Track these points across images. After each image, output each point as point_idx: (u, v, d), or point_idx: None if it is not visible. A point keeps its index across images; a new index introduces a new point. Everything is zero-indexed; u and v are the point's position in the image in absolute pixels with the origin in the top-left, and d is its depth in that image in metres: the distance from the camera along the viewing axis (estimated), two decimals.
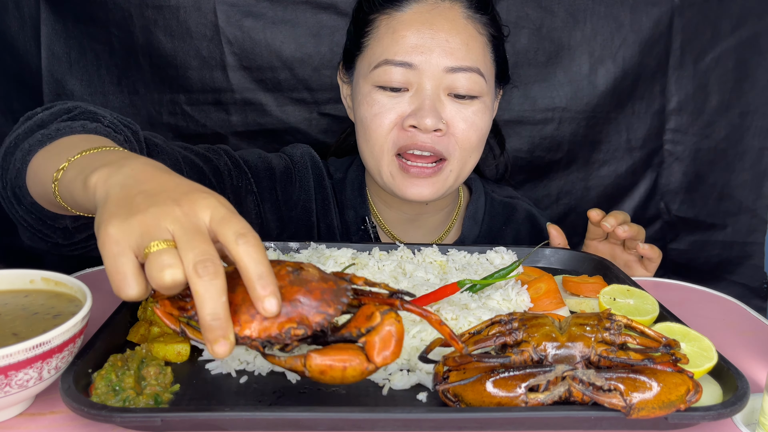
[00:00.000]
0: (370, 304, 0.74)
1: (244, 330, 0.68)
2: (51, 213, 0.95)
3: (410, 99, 1.23)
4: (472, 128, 1.25)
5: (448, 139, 1.25)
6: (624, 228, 1.22)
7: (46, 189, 0.87)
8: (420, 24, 1.22)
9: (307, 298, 0.70)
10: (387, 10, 1.26)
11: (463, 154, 1.27)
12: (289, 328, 0.68)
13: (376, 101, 1.24)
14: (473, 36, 1.25)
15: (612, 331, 0.75)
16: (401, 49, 1.22)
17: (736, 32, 1.87)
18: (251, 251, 0.64)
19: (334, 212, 1.43)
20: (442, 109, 1.23)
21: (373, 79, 1.25)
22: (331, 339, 0.73)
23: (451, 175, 1.28)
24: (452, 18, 1.24)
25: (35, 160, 0.91)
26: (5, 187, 0.96)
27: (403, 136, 1.23)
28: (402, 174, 1.26)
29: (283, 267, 0.73)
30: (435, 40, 1.21)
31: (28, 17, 1.71)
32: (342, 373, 0.69)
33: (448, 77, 1.22)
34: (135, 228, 0.65)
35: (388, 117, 1.23)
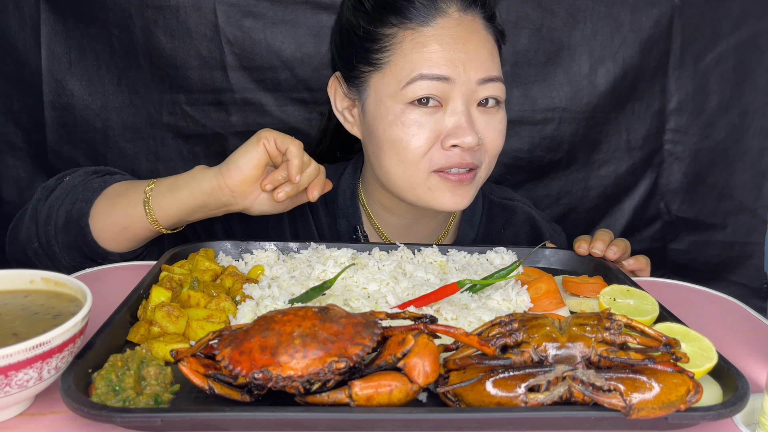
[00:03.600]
0: (397, 333, 0.76)
1: (286, 371, 0.69)
2: (104, 251, 1.17)
3: (446, 116, 1.21)
4: (500, 136, 1.27)
5: (481, 149, 1.26)
6: (613, 249, 1.22)
7: (125, 213, 1.15)
8: (450, 38, 1.21)
9: (342, 333, 0.73)
10: (411, 25, 1.22)
11: (491, 160, 1.29)
12: (331, 362, 0.70)
13: (412, 121, 1.21)
14: (493, 45, 1.27)
15: (612, 331, 0.75)
16: (435, 64, 1.20)
17: (736, 32, 1.88)
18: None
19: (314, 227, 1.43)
20: (475, 123, 1.23)
21: (406, 96, 1.21)
22: (366, 372, 0.74)
23: (480, 180, 1.30)
24: (476, 30, 1.24)
25: (100, 201, 1.16)
26: (49, 239, 1.17)
27: (444, 156, 1.22)
28: (442, 186, 1.24)
29: (309, 309, 0.76)
30: (466, 54, 1.20)
31: (28, 17, 1.71)
32: (388, 397, 0.70)
33: (480, 89, 1.22)
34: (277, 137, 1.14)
35: (426, 136, 1.21)
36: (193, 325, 0.89)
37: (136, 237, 1.18)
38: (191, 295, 0.96)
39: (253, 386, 0.73)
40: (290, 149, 1.13)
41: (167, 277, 1.01)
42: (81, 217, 1.16)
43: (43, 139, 1.79)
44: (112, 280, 1.13)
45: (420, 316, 0.80)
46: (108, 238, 1.17)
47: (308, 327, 0.73)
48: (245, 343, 0.72)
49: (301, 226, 1.43)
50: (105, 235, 1.16)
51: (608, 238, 1.26)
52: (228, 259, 1.19)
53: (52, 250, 1.18)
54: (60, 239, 1.17)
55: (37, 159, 1.82)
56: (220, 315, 0.93)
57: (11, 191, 1.83)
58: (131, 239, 1.18)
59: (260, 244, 1.22)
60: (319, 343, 0.71)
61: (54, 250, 1.18)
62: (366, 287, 1.03)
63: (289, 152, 1.13)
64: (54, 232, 1.18)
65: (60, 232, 1.17)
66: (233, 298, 0.99)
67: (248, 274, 1.09)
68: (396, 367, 0.72)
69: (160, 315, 0.89)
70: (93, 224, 1.16)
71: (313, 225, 1.44)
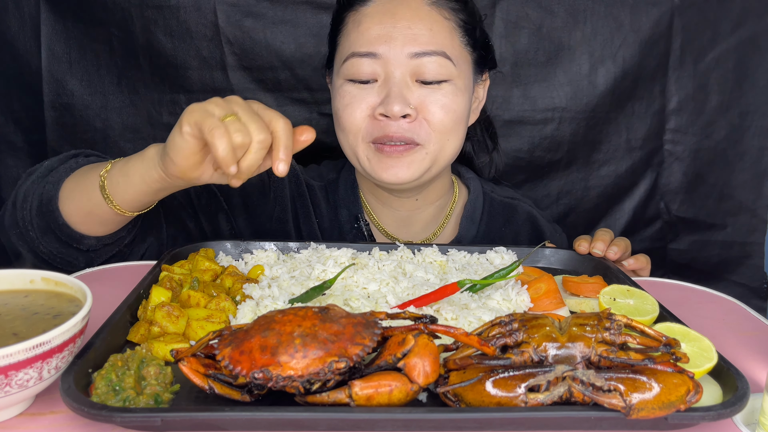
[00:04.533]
0: (397, 333, 0.76)
1: (287, 371, 0.69)
2: (78, 234, 1.12)
3: (379, 89, 1.26)
4: (443, 110, 1.27)
5: (419, 124, 1.26)
6: (614, 249, 1.23)
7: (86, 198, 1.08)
8: (382, 15, 1.26)
9: (342, 333, 0.73)
10: (354, 6, 1.30)
11: (439, 137, 1.29)
12: (331, 362, 0.70)
13: (347, 93, 1.28)
14: (437, 21, 1.27)
15: (612, 331, 0.75)
16: (366, 41, 1.25)
17: (736, 32, 1.87)
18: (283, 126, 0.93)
19: (314, 218, 1.45)
20: (411, 95, 1.25)
21: (344, 73, 1.29)
22: (366, 372, 0.74)
23: (426, 158, 1.29)
24: (415, 7, 1.27)
25: (67, 184, 1.11)
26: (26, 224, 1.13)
27: (377, 126, 1.26)
28: (378, 156, 1.28)
29: (309, 309, 0.76)
30: (397, 29, 1.24)
31: (28, 17, 1.71)
32: (388, 397, 0.70)
33: (414, 63, 1.24)
34: (210, 104, 0.97)
35: (359, 107, 1.27)
36: (193, 325, 0.89)
37: (104, 221, 1.11)
38: (191, 295, 0.96)
39: (253, 386, 0.73)
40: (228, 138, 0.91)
41: (167, 277, 1.01)
42: (50, 200, 1.11)
43: (43, 139, 1.79)
44: (112, 280, 1.13)
45: (420, 316, 0.80)
46: (77, 222, 1.11)
47: (308, 327, 0.73)
48: (245, 343, 0.72)
49: (303, 218, 1.45)
50: (73, 219, 1.11)
51: (609, 237, 1.26)
52: (228, 259, 1.19)
53: (29, 234, 1.14)
54: (35, 223, 1.13)
55: (37, 159, 1.81)
56: (220, 315, 0.93)
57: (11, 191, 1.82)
58: (101, 223, 1.12)
59: (260, 244, 1.22)
60: (320, 343, 0.71)
61: (31, 234, 1.14)
62: (366, 287, 1.03)
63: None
64: (30, 216, 1.13)
65: (35, 216, 1.13)
66: (233, 298, 0.99)
67: (248, 274, 1.09)
68: (396, 367, 0.72)
69: (160, 315, 0.89)
70: (62, 207, 1.11)
71: (314, 217, 1.45)
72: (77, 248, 1.15)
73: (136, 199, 1.07)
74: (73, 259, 1.16)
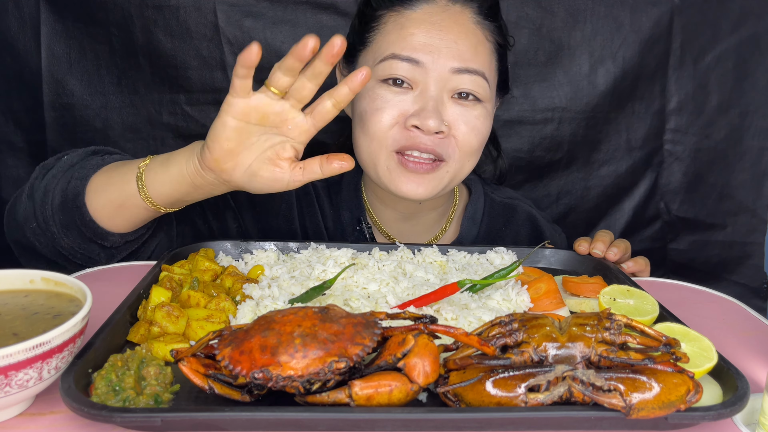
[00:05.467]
0: (397, 333, 0.76)
1: (287, 371, 0.69)
2: (103, 230, 1.12)
3: (414, 98, 1.23)
4: (474, 131, 1.25)
5: (448, 141, 1.25)
6: (614, 251, 1.23)
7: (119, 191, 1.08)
8: (429, 24, 1.23)
9: (342, 333, 0.73)
10: (396, 7, 1.26)
11: (462, 156, 1.27)
12: (331, 362, 0.70)
13: (379, 96, 1.23)
14: (481, 41, 1.25)
15: (612, 330, 0.75)
16: (409, 45, 1.22)
17: (736, 32, 1.88)
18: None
19: (320, 217, 1.45)
20: (445, 111, 1.23)
21: (378, 73, 1.24)
22: (366, 372, 0.74)
23: (447, 175, 1.28)
24: (462, 22, 1.24)
25: (95, 179, 1.11)
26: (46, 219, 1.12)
27: (405, 136, 1.23)
28: (399, 169, 1.25)
29: (309, 309, 0.76)
30: (444, 41, 1.21)
31: (28, 17, 1.71)
32: (388, 397, 0.70)
33: (454, 79, 1.22)
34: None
35: (390, 113, 1.23)
36: (193, 325, 0.89)
37: (133, 216, 1.12)
38: (191, 295, 0.96)
39: (253, 386, 0.73)
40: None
41: (167, 277, 1.01)
42: (77, 196, 1.11)
43: (43, 139, 1.79)
44: (112, 280, 1.13)
45: (420, 316, 0.80)
46: (105, 216, 1.11)
47: (308, 327, 0.73)
48: (245, 343, 0.72)
49: (308, 216, 1.45)
50: (101, 214, 1.11)
51: (609, 239, 1.26)
52: (228, 259, 1.19)
53: (50, 230, 1.13)
54: (57, 219, 1.12)
55: (37, 159, 1.81)
56: (220, 315, 0.93)
57: (11, 191, 1.82)
58: (128, 219, 1.12)
59: (260, 244, 1.22)
60: (319, 343, 0.71)
61: (52, 230, 1.13)
62: (366, 287, 1.03)
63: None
64: (51, 211, 1.12)
65: (57, 212, 1.12)
66: (233, 298, 0.99)
67: (248, 274, 1.09)
68: (396, 367, 0.72)
69: (160, 315, 0.89)
70: (89, 202, 1.11)
71: (320, 215, 1.45)
72: (101, 244, 1.15)
73: (169, 194, 1.08)
74: (94, 255, 1.16)
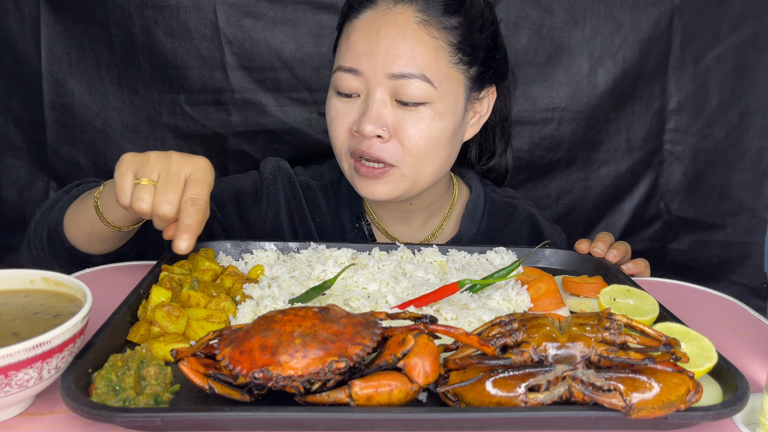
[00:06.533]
0: (397, 333, 0.76)
1: (287, 371, 0.69)
2: (84, 254, 1.20)
3: (359, 105, 1.26)
4: (418, 134, 1.24)
5: (393, 145, 1.24)
6: (614, 253, 1.23)
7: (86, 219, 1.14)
8: (368, 30, 1.23)
9: (342, 333, 0.73)
10: (350, 17, 1.28)
11: (413, 161, 1.26)
12: (331, 362, 0.70)
13: (332, 107, 1.29)
14: (422, 41, 1.22)
15: (612, 330, 0.75)
16: (351, 56, 1.24)
17: (736, 32, 1.87)
18: (191, 211, 0.95)
19: (311, 220, 1.46)
20: (387, 115, 1.22)
21: (332, 85, 1.29)
22: (366, 372, 0.74)
23: (403, 180, 1.27)
24: (401, 24, 1.22)
25: (69, 210, 1.19)
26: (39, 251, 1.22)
27: (354, 142, 1.27)
28: (356, 173, 1.30)
29: (309, 309, 0.76)
30: (379, 47, 1.21)
31: (28, 17, 1.71)
32: (388, 396, 0.70)
33: (392, 83, 1.21)
34: (140, 161, 0.98)
35: (341, 122, 1.27)
36: (193, 325, 0.89)
37: (105, 238, 1.17)
38: (191, 295, 0.96)
39: (253, 386, 0.73)
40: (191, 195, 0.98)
41: (167, 277, 1.01)
42: (57, 226, 1.19)
43: (43, 139, 1.79)
44: (112, 280, 1.13)
45: (420, 316, 0.80)
46: (82, 242, 1.19)
47: (308, 327, 0.73)
48: (245, 343, 0.72)
49: (299, 222, 1.45)
50: (78, 241, 1.19)
51: (609, 240, 1.26)
52: (228, 259, 1.19)
53: (43, 261, 1.22)
54: (46, 249, 1.21)
55: (37, 159, 1.82)
56: (220, 315, 0.93)
57: (11, 191, 1.83)
58: (102, 240, 1.18)
59: (260, 244, 1.22)
60: (320, 342, 0.71)
61: (44, 261, 1.22)
62: (366, 287, 1.03)
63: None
64: (41, 244, 1.22)
65: (45, 243, 1.21)
66: (233, 298, 0.99)
67: (248, 274, 1.09)
68: (396, 367, 0.72)
69: (160, 315, 0.89)
70: (67, 232, 1.19)
71: (312, 224, 1.45)
72: (86, 266, 1.21)
73: (125, 215, 1.10)
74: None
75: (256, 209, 1.44)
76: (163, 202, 0.94)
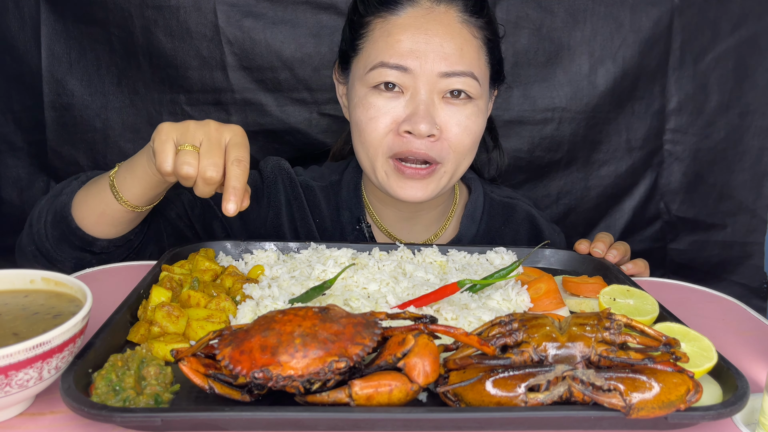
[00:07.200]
0: (397, 333, 0.76)
1: (287, 371, 0.69)
2: (90, 237, 1.18)
3: (405, 103, 1.24)
4: (466, 132, 1.26)
5: (441, 143, 1.25)
6: (613, 253, 1.23)
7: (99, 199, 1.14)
8: (415, 28, 1.23)
9: (342, 333, 0.73)
10: (382, 14, 1.27)
11: (456, 157, 1.28)
12: (331, 361, 0.70)
13: (371, 105, 1.25)
14: (468, 40, 1.25)
15: (612, 330, 0.75)
16: (396, 53, 1.23)
17: (736, 32, 1.88)
18: (237, 172, 0.97)
19: (312, 220, 1.45)
20: (436, 114, 1.23)
21: (369, 82, 1.26)
22: (366, 372, 0.74)
23: (444, 176, 1.29)
24: (447, 23, 1.24)
25: (79, 193, 1.19)
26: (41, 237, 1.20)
27: (399, 142, 1.24)
28: (396, 175, 1.27)
29: (309, 309, 0.76)
30: (430, 45, 1.22)
31: (28, 17, 1.71)
32: (388, 396, 0.70)
33: (443, 82, 1.23)
34: (180, 129, 1.01)
35: (383, 121, 1.25)
36: (193, 325, 0.89)
37: (115, 220, 1.16)
38: (191, 295, 0.96)
39: (253, 386, 0.73)
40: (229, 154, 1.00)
41: (167, 277, 1.02)
42: (64, 208, 1.18)
43: (43, 139, 1.79)
44: (112, 280, 1.13)
45: (420, 316, 0.80)
46: (90, 224, 1.17)
47: (308, 327, 0.73)
48: (245, 343, 0.72)
49: (299, 220, 1.45)
50: (87, 222, 1.17)
51: (609, 240, 1.26)
52: (228, 259, 1.19)
53: (45, 246, 1.19)
54: (50, 235, 1.19)
55: (37, 159, 1.82)
56: (220, 315, 0.93)
57: (11, 191, 1.83)
58: (111, 223, 1.17)
59: (260, 244, 1.22)
60: (320, 342, 0.71)
61: (46, 246, 1.19)
62: (366, 287, 1.03)
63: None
64: (44, 230, 1.19)
65: (50, 228, 1.19)
66: (233, 298, 0.99)
67: (248, 274, 1.09)
68: (396, 367, 0.72)
69: (160, 315, 0.89)
70: (75, 214, 1.17)
71: (313, 224, 1.45)
72: (90, 251, 1.19)
73: (142, 193, 1.12)
74: (86, 263, 1.20)
75: (257, 209, 1.44)
76: (209, 165, 0.97)
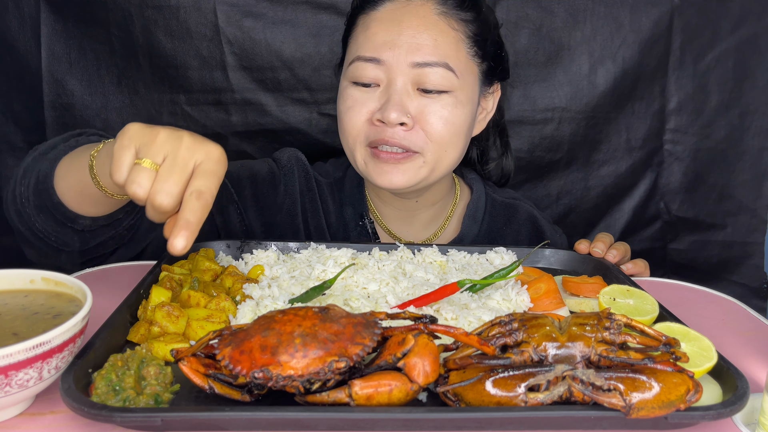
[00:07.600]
0: (397, 333, 0.76)
1: (287, 370, 0.69)
2: (72, 213, 1.07)
3: (380, 95, 1.27)
4: (441, 121, 1.26)
5: (416, 133, 1.26)
6: (613, 253, 1.24)
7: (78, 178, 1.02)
8: (389, 21, 1.26)
9: (342, 333, 0.73)
10: (366, 10, 1.31)
11: (436, 148, 1.28)
12: (331, 361, 0.70)
13: (349, 96, 1.29)
14: (444, 32, 1.27)
15: (612, 330, 0.75)
16: (371, 46, 1.26)
17: (736, 32, 1.87)
18: (194, 205, 0.81)
19: (322, 214, 1.47)
20: (410, 104, 1.25)
21: (348, 76, 1.30)
22: (366, 372, 0.74)
23: (424, 167, 1.29)
24: (423, 15, 1.26)
25: (62, 163, 1.06)
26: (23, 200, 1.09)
27: (374, 131, 1.27)
28: (374, 161, 1.29)
29: (309, 309, 0.76)
30: (402, 37, 1.24)
31: (28, 17, 1.71)
32: (388, 396, 0.70)
33: (415, 72, 1.24)
34: (147, 136, 0.84)
35: (360, 111, 1.28)
36: (193, 325, 0.89)
37: (96, 201, 1.05)
38: (191, 295, 0.96)
39: (253, 386, 0.73)
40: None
41: (167, 277, 1.02)
42: (46, 177, 1.07)
43: (43, 139, 1.78)
44: (112, 280, 1.13)
45: (420, 316, 0.80)
46: (71, 200, 1.06)
47: (308, 327, 0.73)
48: (245, 343, 0.73)
49: (311, 213, 1.47)
50: (67, 197, 1.06)
51: (609, 240, 1.27)
52: (228, 259, 1.19)
53: (26, 211, 1.10)
54: (32, 200, 1.09)
55: None
56: (220, 315, 0.93)
57: None
58: (94, 204, 1.06)
59: (260, 244, 1.22)
60: (320, 342, 0.71)
61: (27, 212, 1.10)
62: (366, 287, 1.03)
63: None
64: (27, 193, 1.09)
65: (32, 194, 1.09)
66: (233, 298, 0.99)
67: (248, 274, 1.09)
68: (396, 367, 0.72)
69: (160, 315, 0.89)
70: (56, 186, 1.06)
71: (322, 214, 1.47)
72: (72, 227, 1.10)
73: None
74: (68, 239, 1.12)
75: (273, 195, 1.45)
76: (161, 191, 0.81)
